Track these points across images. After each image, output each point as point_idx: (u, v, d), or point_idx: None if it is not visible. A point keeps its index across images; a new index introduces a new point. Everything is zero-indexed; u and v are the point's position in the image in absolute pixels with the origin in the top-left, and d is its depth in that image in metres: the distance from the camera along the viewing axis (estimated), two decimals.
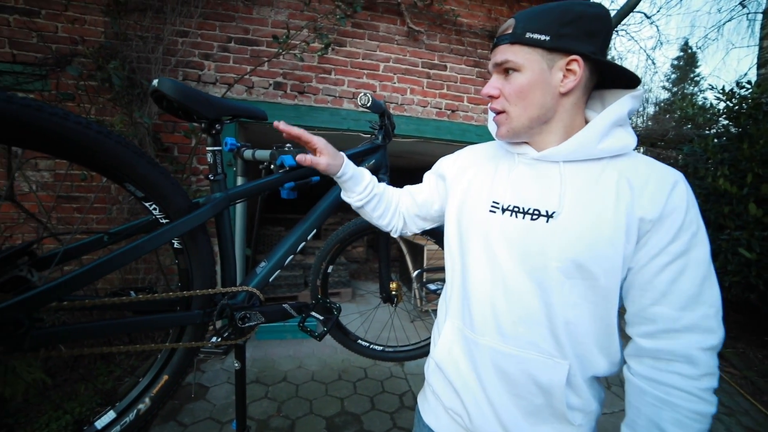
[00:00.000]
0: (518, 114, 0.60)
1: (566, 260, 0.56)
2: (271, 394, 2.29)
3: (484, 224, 0.64)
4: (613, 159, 0.59)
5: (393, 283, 1.40)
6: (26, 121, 0.46)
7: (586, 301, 0.57)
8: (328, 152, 0.73)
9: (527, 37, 0.57)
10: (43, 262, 0.58)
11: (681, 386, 0.52)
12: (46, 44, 2.32)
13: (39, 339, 0.49)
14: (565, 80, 0.58)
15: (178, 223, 0.62)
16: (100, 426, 0.62)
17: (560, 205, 0.58)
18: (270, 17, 2.67)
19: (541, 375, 0.58)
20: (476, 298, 0.64)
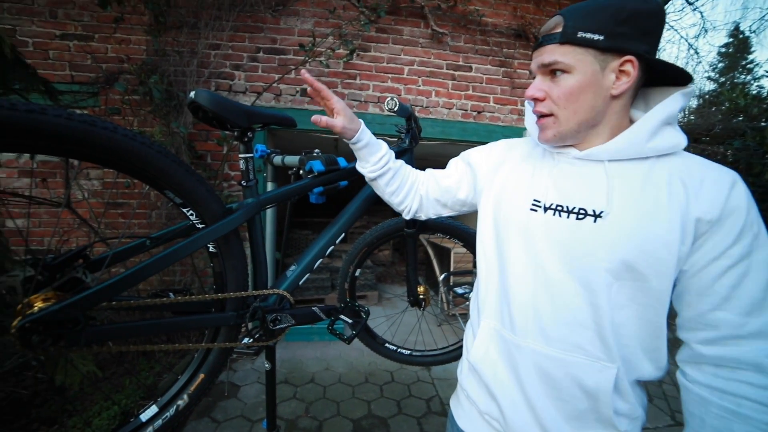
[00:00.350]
0: (567, 117, 0.58)
1: (616, 261, 0.54)
2: (300, 395, 2.33)
3: (525, 223, 0.62)
4: (661, 158, 0.57)
5: (420, 286, 1.39)
6: (82, 136, 0.50)
7: (635, 303, 0.55)
8: (345, 114, 0.73)
9: (579, 36, 0.54)
10: (95, 265, 0.62)
11: (752, 396, 0.49)
12: (98, 64, 2.52)
13: (92, 336, 0.53)
14: (617, 82, 0.56)
15: (214, 228, 0.65)
16: (144, 419, 0.66)
17: (608, 205, 0.56)
18: (296, 26, 2.75)
19: (587, 379, 0.56)
20: (517, 299, 0.62)
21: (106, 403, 1.84)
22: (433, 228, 1.25)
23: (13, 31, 2.49)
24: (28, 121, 0.47)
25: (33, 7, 2.51)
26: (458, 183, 0.79)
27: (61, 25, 2.54)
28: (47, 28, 2.53)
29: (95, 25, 2.54)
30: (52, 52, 2.55)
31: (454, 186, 0.80)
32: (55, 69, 2.54)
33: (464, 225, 1.26)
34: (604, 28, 0.53)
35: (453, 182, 0.80)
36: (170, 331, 0.64)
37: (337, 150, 4.10)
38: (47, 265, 0.57)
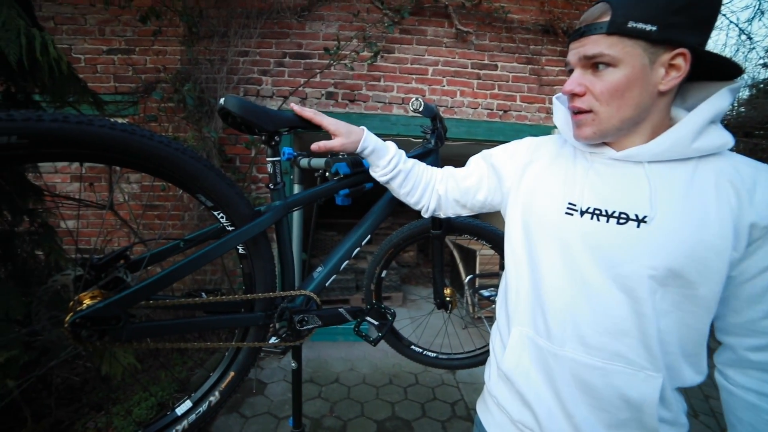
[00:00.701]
0: (609, 115, 0.54)
1: (662, 268, 0.51)
2: (324, 394, 2.36)
3: (560, 228, 0.59)
4: (704, 158, 0.53)
5: (447, 288, 1.37)
6: (124, 144, 0.53)
7: (679, 310, 0.53)
8: (340, 133, 0.74)
9: (630, 27, 0.49)
10: (135, 265, 0.66)
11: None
12: (138, 75, 2.68)
13: (132, 332, 0.56)
14: (666, 77, 0.52)
15: (243, 230, 0.67)
16: (179, 413, 0.69)
17: (652, 209, 0.53)
18: (321, 31, 2.80)
19: (630, 389, 0.54)
20: (553, 306, 0.60)
21: (144, 394, 1.95)
22: (460, 229, 1.23)
23: (69, 50, 2.70)
24: (78, 132, 0.50)
25: (86, 27, 2.71)
26: (478, 184, 0.77)
27: (108, 41, 2.72)
28: (96, 45, 2.72)
29: (136, 39, 2.71)
30: (100, 66, 2.74)
31: (474, 187, 0.77)
32: (101, 81, 2.73)
33: (492, 226, 1.22)
34: (657, 18, 0.49)
35: (473, 183, 0.77)
36: (202, 330, 0.67)
37: None
38: (93, 265, 0.61)
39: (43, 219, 1.75)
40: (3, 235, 1.61)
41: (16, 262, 1.67)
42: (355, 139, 0.74)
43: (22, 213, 1.65)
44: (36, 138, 0.47)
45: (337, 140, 0.74)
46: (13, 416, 1.59)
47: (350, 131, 0.75)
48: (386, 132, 2.85)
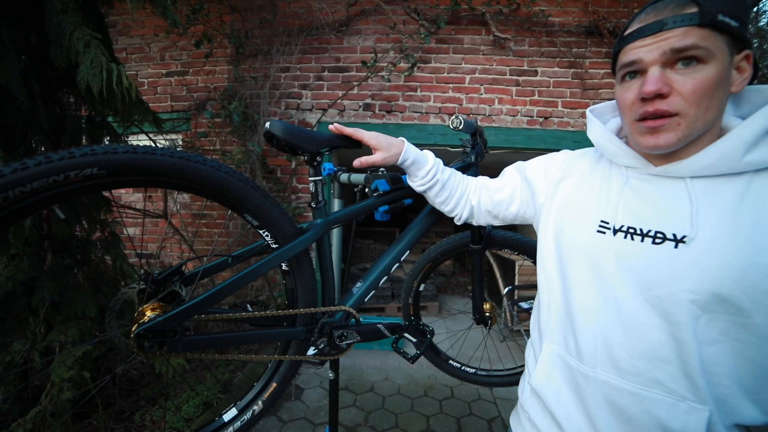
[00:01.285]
0: (697, 117, 0.48)
1: (704, 292, 0.47)
2: (359, 403, 2.37)
3: (591, 246, 0.57)
4: (761, 173, 0.48)
5: (487, 303, 1.33)
6: (182, 170, 0.58)
7: (731, 339, 0.48)
8: (380, 147, 0.75)
9: (720, 20, 0.46)
10: (189, 280, 0.71)
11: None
12: (191, 94, 2.92)
13: (187, 345, 0.60)
14: (741, 77, 0.49)
15: (287, 248, 0.70)
16: (226, 419, 0.74)
17: (693, 228, 0.49)
18: (359, 44, 2.88)
19: (671, 420, 0.50)
20: (584, 326, 0.58)
21: (191, 392, 2.09)
22: (500, 243, 1.20)
23: (136, 75, 3.02)
24: (144, 161, 0.56)
25: (150, 54, 3.02)
26: (511, 197, 0.76)
27: (167, 65, 3.00)
28: (157, 69, 3.02)
29: (190, 62, 2.96)
30: (159, 88, 3.03)
31: (506, 200, 0.77)
32: (160, 101, 3.01)
33: (532, 240, 1.18)
34: (739, 14, 0.46)
35: (506, 195, 0.77)
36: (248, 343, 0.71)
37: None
38: (154, 280, 0.67)
39: (112, 228, 1.95)
40: (81, 243, 1.82)
41: (91, 267, 1.87)
42: (395, 152, 0.76)
43: (96, 222, 1.86)
44: (112, 169, 0.53)
45: (379, 155, 0.75)
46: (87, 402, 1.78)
47: (390, 144, 0.76)
48: (423, 142, 2.85)
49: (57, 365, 1.42)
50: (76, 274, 1.75)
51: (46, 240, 1.67)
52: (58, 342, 1.57)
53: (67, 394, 1.34)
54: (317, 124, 2.88)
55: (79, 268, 1.81)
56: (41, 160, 0.47)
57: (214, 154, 2.81)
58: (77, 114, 1.69)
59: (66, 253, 1.72)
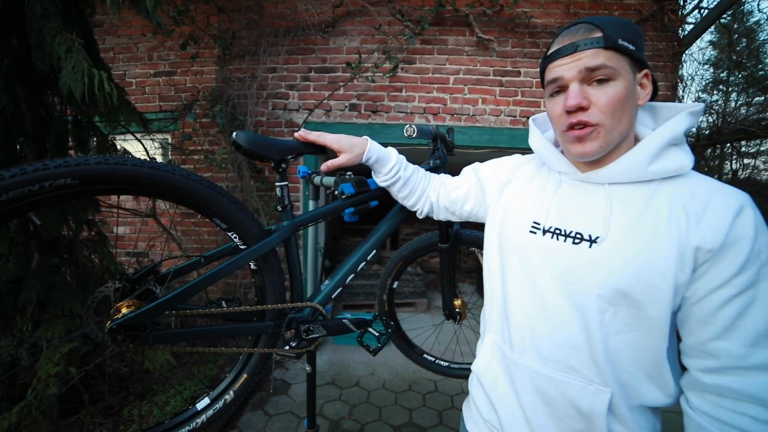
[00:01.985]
0: (613, 127, 0.55)
1: (609, 287, 0.53)
2: (344, 397, 2.44)
3: (524, 245, 0.63)
4: (666, 181, 0.55)
5: (458, 299, 1.40)
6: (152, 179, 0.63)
7: (633, 329, 0.54)
8: (343, 149, 0.80)
9: (620, 43, 0.53)
10: (162, 279, 0.76)
11: (751, 430, 0.47)
12: (179, 94, 2.95)
13: (157, 338, 0.66)
14: (643, 92, 0.57)
15: (253, 249, 0.75)
16: (199, 408, 0.79)
17: (605, 231, 0.55)
18: (345, 45, 2.92)
19: (581, 401, 0.56)
20: (515, 318, 0.64)
21: (179, 387, 2.14)
22: (467, 242, 1.26)
23: (124, 75, 3.03)
24: (115, 171, 0.61)
25: (137, 54, 3.04)
26: (466, 196, 0.82)
27: (154, 65, 3.02)
28: (145, 69, 3.03)
29: (178, 62, 2.98)
30: (147, 88, 3.05)
31: (461, 198, 0.83)
32: (148, 101, 3.03)
33: None
34: (633, 40, 0.54)
35: (461, 194, 0.82)
36: (219, 337, 0.76)
37: None
38: (129, 279, 0.72)
39: (99, 228, 1.99)
40: (68, 242, 1.85)
41: (78, 266, 1.91)
42: (358, 152, 0.80)
43: (83, 223, 1.89)
44: (85, 179, 0.58)
45: (343, 157, 0.80)
46: (75, 399, 1.82)
47: (353, 145, 0.80)
48: (408, 142, 2.90)
49: (43, 361, 1.47)
50: (63, 273, 1.79)
51: (32, 240, 1.71)
52: (45, 339, 1.61)
53: (52, 389, 1.39)
54: (304, 123, 2.92)
55: (66, 267, 1.85)
56: (16, 171, 0.52)
57: (196, 155, 2.84)
58: (63, 116, 1.72)
59: (53, 253, 1.76)
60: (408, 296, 4.16)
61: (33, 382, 1.43)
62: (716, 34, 8.59)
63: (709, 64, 9.63)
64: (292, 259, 0.88)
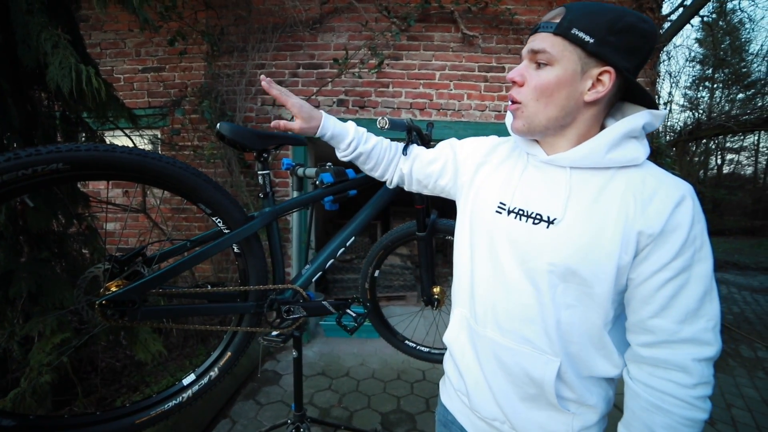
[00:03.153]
0: (536, 111, 0.59)
1: (560, 265, 0.58)
2: (334, 387, 2.50)
3: (490, 224, 0.67)
4: (623, 169, 0.59)
5: (436, 287, 1.46)
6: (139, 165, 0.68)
7: (581, 304, 0.59)
8: (302, 116, 0.78)
9: (572, 33, 0.54)
10: (150, 261, 0.81)
11: (674, 393, 0.54)
12: (167, 90, 2.95)
13: (144, 314, 0.71)
14: (592, 89, 0.57)
15: (235, 233, 0.80)
16: (185, 383, 0.85)
17: (563, 213, 0.59)
18: (332, 41, 2.95)
19: (533, 369, 0.62)
20: (480, 293, 0.68)
21: (171, 378, 2.18)
22: (444, 231, 1.32)
23: (111, 71, 3.03)
24: (105, 157, 0.66)
25: (125, 50, 3.03)
26: (441, 171, 0.82)
27: (143, 61, 3.02)
28: (133, 65, 3.03)
29: (166, 58, 2.99)
30: (136, 84, 3.05)
31: (436, 173, 0.82)
32: (137, 97, 3.03)
33: None
34: (596, 32, 0.54)
35: (437, 168, 0.82)
36: (203, 314, 0.82)
37: None
38: (118, 260, 0.77)
39: (89, 222, 2.01)
40: (58, 236, 1.87)
41: (68, 260, 1.93)
42: (314, 125, 0.79)
43: (73, 217, 1.91)
44: (75, 164, 0.63)
45: (297, 123, 0.79)
46: (68, 391, 1.85)
47: (311, 117, 0.79)
48: (395, 135, 2.95)
49: (35, 352, 1.50)
50: (53, 267, 1.82)
51: (21, 235, 1.73)
52: (36, 331, 1.64)
53: (46, 377, 1.42)
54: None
55: (57, 261, 1.87)
56: (11, 156, 0.57)
57: (186, 150, 2.86)
58: (50, 111, 1.74)
59: (43, 247, 1.78)
60: (398, 289, 4.23)
61: (26, 371, 1.46)
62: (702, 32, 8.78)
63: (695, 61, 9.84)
64: (274, 244, 0.94)
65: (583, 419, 0.62)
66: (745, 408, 2.39)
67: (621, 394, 0.62)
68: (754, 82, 8.29)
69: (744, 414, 2.32)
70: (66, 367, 1.56)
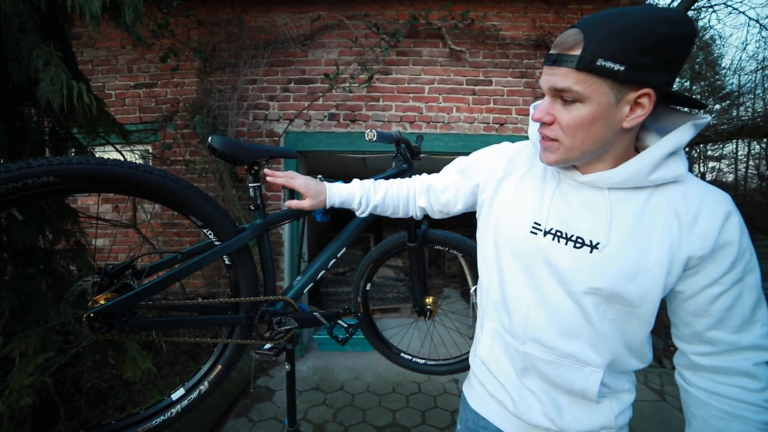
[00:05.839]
0: (573, 146, 0.56)
1: (606, 290, 0.58)
2: (329, 401, 2.46)
3: (524, 244, 0.65)
4: (660, 186, 0.57)
5: (429, 297, 1.46)
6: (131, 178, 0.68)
7: (623, 321, 0.60)
8: (310, 194, 0.83)
9: (598, 65, 0.49)
10: (140, 273, 0.81)
11: (746, 399, 0.55)
12: (159, 106, 2.97)
13: (133, 326, 0.70)
14: (631, 115, 0.53)
15: (226, 244, 0.81)
16: (174, 398, 0.83)
17: (606, 238, 0.58)
18: (323, 57, 3.01)
19: (576, 380, 0.63)
20: (516, 311, 0.67)
21: (161, 397, 2.13)
22: (435, 241, 1.34)
23: (103, 87, 3.04)
24: (96, 171, 0.66)
25: (117, 66, 3.06)
26: (456, 197, 0.82)
27: (134, 77, 3.05)
28: (125, 81, 3.05)
29: (158, 74, 3.01)
30: (128, 99, 3.06)
31: (452, 200, 0.83)
32: (128, 113, 3.04)
33: (465, 238, 1.32)
34: (626, 57, 0.48)
35: (450, 196, 0.83)
36: (193, 327, 0.81)
37: (366, 167, 4.30)
38: (107, 273, 0.76)
39: (77, 238, 1.98)
40: (44, 253, 1.84)
41: (55, 276, 1.89)
42: (323, 199, 0.84)
43: (61, 233, 1.89)
44: (66, 176, 0.64)
45: (307, 201, 0.85)
46: (51, 414, 1.79)
47: (318, 192, 0.84)
48: (386, 149, 3.00)
49: (16, 372, 1.45)
50: (38, 284, 1.78)
51: (5, 251, 1.70)
52: (18, 351, 1.59)
53: (27, 399, 1.37)
54: (284, 133, 2.99)
55: (43, 278, 1.83)
56: (1, 169, 0.57)
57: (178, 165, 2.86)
58: (39, 127, 1.74)
59: (28, 264, 1.75)
60: (392, 301, 4.20)
61: (5, 393, 1.41)
62: None
63: None
64: (265, 256, 0.94)
65: (620, 403, 0.65)
66: None
67: None
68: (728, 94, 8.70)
69: None
70: (49, 388, 1.51)
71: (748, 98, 8.86)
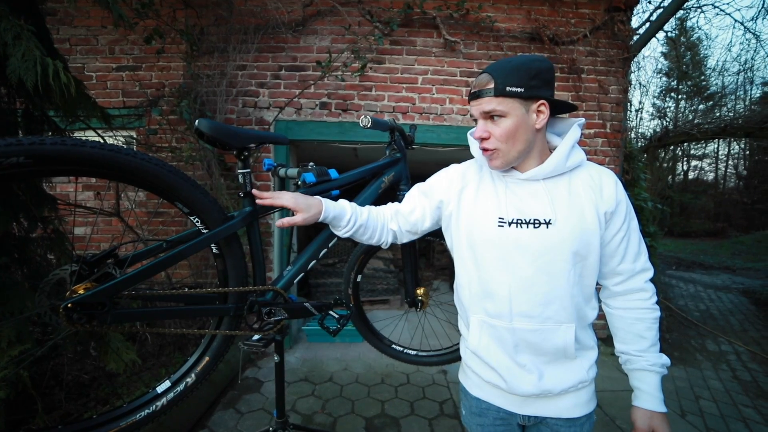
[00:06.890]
0: (508, 150, 0.77)
1: (568, 253, 0.76)
2: (318, 392, 2.46)
3: (495, 237, 0.80)
4: (574, 170, 0.81)
5: (420, 288, 1.46)
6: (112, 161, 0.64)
7: (581, 276, 0.79)
8: (300, 209, 0.84)
9: (507, 90, 0.73)
10: (123, 263, 0.77)
11: (643, 306, 0.82)
12: (144, 90, 2.85)
13: (116, 317, 0.67)
14: (538, 119, 0.76)
15: (213, 232, 0.77)
16: (160, 390, 0.80)
17: (554, 214, 0.77)
18: (315, 44, 2.94)
19: (557, 338, 0.78)
20: (499, 294, 0.80)
21: (145, 389, 2.08)
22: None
23: (83, 68, 2.90)
24: (73, 152, 0.62)
25: (97, 47, 2.92)
26: (422, 216, 0.94)
27: (117, 59, 2.91)
28: (106, 63, 2.92)
29: (143, 57, 2.89)
30: (110, 83, 2.93)
31: (420, 220, 0.95)
32: (111, 96, 2.91)
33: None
34: (522, 83, 0.73)
35: (418, 217, 0.94)
36: (179, 317, 0.78)
37: (357, 158, 4.25)
38: (87, 262, 0.72)
39: (55, 226, 1.90)
40: (19, 241, 1.76)
41: (31, 266, 1.81)
42: (315, 212, 0.86)
43: (37, 220, 1.80)
44: (39, 158, 0.59)
45: (298, 216, 0.84)
46: (27, 408, 1.73)
47: (309, 206, 0.85)
48: (378, 140, 2.96)
49: None
50: (13, 273, 1.70)
51: None
52: None
53: (0, 393, 1.32)
54: (274, 121, 2.92)
55: (18, 267, 1.75)
56: None
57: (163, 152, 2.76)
58: (11, 107, 1.64)
59: (1, 252, 1.67)
60: (381, 293, 4.21)
61: None
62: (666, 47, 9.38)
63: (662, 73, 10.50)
64: (255, 244, 0.91)
65: (589, 359, 0.83)
66: (711, 399, 2.50)
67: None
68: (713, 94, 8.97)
69: (710, 404, 2.44)
70: (25, 381, 1.45)
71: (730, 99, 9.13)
